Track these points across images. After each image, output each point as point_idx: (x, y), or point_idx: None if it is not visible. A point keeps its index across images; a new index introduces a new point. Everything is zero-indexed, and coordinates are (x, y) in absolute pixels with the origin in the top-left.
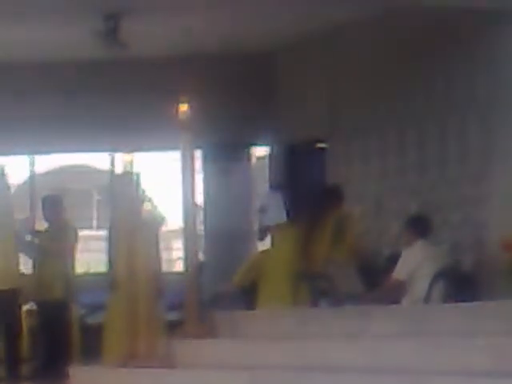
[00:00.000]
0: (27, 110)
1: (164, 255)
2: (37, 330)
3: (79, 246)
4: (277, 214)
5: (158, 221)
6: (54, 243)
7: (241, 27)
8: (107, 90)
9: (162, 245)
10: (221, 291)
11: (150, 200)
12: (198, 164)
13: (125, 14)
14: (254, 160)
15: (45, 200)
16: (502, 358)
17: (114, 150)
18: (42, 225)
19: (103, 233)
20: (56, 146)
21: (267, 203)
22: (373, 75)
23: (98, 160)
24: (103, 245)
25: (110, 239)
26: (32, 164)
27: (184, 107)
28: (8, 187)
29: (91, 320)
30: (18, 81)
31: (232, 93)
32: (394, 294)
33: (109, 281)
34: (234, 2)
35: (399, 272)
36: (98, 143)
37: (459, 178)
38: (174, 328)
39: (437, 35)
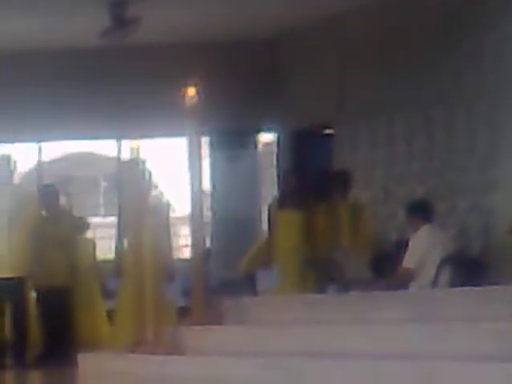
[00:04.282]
0: (34, 98)
1: None
2: (39, 317)
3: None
4: None
5: (165, 207)
6: (54, 231)
7: (246, 13)
8: (113, 76)
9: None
10: (228, 278)
11: (156, 186)
12: (205, 150)
13: (130, 2)
14: (260, 146)
15: (40, 190)
16: (510, 343)
17: (121, 136)
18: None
19: (110, 220)
20: (63, 134)
21: None
22: (380, 61)
23: (105, 147)
24: (111, 232)
25: (119, 226)
26: (39, 152)
27: (190, 94)
28: (12, 176)
29: None
30: (24, 69)
31: (238, 79)
32: (405, 283)
33: (115, 267)
34: None
35: (409, 260)
36: (105, 130)
37: (467, 163)
38: (185, 314)
39: (446, 20)
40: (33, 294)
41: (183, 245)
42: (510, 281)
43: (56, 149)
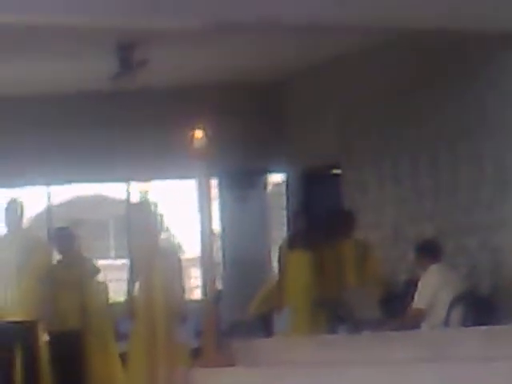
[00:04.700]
0: (43, 142)
1: None
2: (51, 361)
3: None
4: None
5: (176, 249)
6: (68, 274)
7: (253, 55)
8: (123, 119)
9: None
10: (239, 319)
11: (167, 229)
12: (215, 192)
13: (138, 45)
14: (270, 187)
15: (55, 233)
16: None
17: (130, 179)
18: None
19: (121, 262)
20: (71, 177)
21: None
22: (385, 100)
23: (114, 190)
24: (121, 274)
25: (131, 268)
26: (48, 195)
27: (199, 135)
28: (21, 220)
29: None
30: (33, 113)
31: (247, 120)
32: (416, 324)
33: (127, 310)
34: (246, 32)
35: (419, 301)
36: (114, 173)
37: (475, 202)
38: (198, 355)
39: (448, 59)
40: (45, 338)
41: (194, 286)
42: None
43: (65, 192)
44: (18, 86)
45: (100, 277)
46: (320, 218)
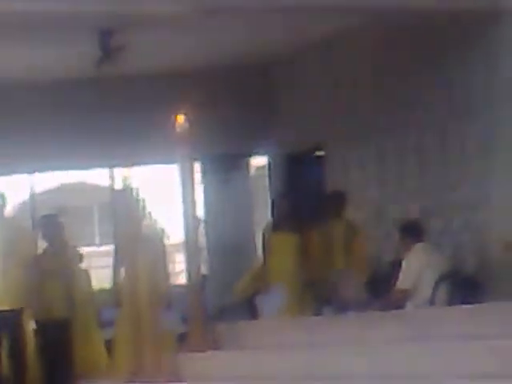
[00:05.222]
0: (25, 129)
1: None
2: (38, 349)
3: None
4: None
5: (160, 235)
6: (54, 263)
7: (238, 39)
8: (104, 105)
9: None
10: (225, 303)
11: (149, 214)
12: (198, 176)
13: (120, 30)
14: (253, 170)
15: (41, 221)
16: (507, 361)
17: (113, 165)
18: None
19: (106, 249)
20: (55, 164)
21: None
22: (370, 82)
23: (97, 176)
24: (106, 261)
25: (115, 255)
26: (31, 183)
27: (181, 120)
28: (3, 209)
29: None
30: (13, 100)
31: (230, 103)
32: (400, 304)
33: (113, 297)
34: (231, 14)
35: (403, 281)
36: (97, 159)
37: (459, 181)
38: (185, 340)
39: (434, 41)
40: (32, 326)
41: (179, 271)
42: (506, 298)
43: (49, 180)
44: None
45: (84, 264)
46: (303, 200)
